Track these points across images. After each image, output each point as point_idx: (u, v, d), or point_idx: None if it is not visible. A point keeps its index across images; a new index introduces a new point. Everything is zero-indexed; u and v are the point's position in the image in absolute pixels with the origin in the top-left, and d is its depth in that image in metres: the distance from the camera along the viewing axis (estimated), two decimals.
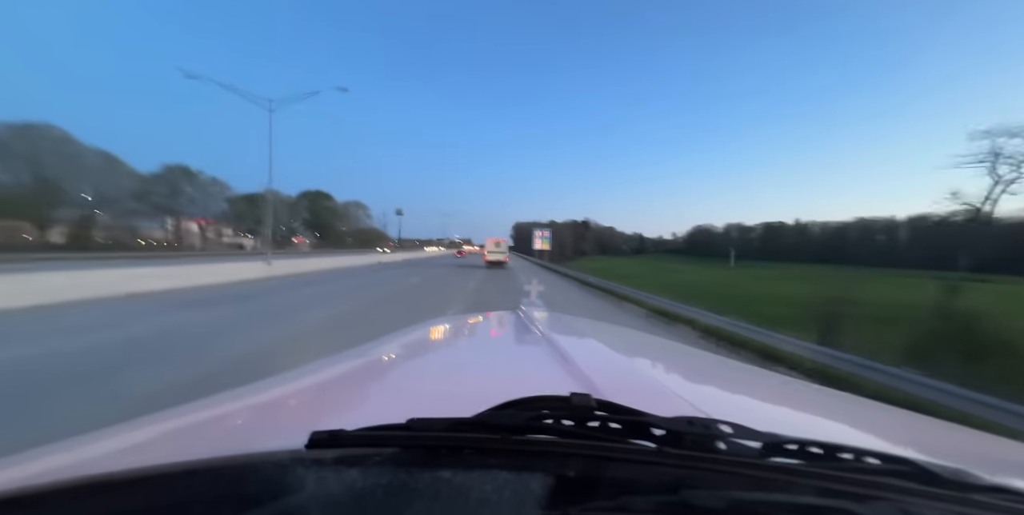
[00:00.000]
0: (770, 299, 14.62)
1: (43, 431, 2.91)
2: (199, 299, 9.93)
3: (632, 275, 31.08)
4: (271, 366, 4.21)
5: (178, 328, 6.71)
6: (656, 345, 1.76)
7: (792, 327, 7.08)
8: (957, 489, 0.39)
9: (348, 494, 0.38)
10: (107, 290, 9.89)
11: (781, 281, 24.68)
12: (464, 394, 0.85)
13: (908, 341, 6.42)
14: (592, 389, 0.66)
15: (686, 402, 0.76)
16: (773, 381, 1.30)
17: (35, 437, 0.76)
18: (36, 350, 5.10)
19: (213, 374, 4.35)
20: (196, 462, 0.44)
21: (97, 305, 8.70)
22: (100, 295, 9.57)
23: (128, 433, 0.68)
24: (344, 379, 1.04)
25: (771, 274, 36.25)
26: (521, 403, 0.51)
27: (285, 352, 5.46)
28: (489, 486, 0.39)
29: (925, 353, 5.61)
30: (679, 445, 0.44)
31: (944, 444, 0.79)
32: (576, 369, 0.94)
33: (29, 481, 0.43)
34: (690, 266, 58.01)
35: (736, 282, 25.00)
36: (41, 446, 0.61)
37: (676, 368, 1.27)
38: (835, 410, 0.98)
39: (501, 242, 31.93)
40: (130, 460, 0.54)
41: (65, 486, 0.41)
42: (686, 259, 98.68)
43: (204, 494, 0.41)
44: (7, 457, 0.56)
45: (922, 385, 4.34)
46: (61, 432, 0.64)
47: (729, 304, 11.38)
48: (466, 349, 1.51)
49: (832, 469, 0.41)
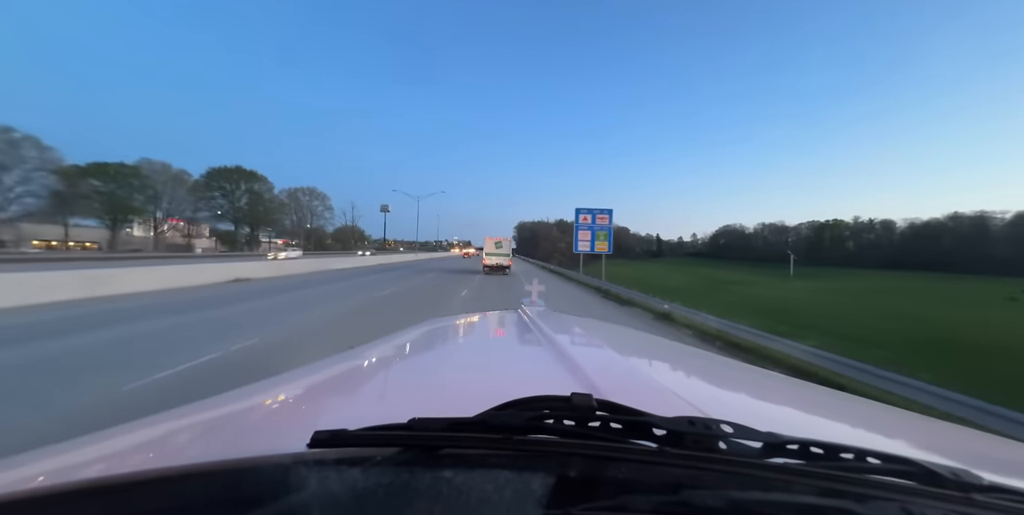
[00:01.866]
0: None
1: None
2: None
3: (680, 289, 22.05)
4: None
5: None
6: (656, 345, 1.76)
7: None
8: (958, 489, 0.39)
9: (350, 494, 0.38)
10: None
11: (924, 302, 14.54)
12: (465, 394, 0.86)
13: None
14: (593, 389, 0.66)
15: (687, 402, 0.76)
16: (773, 381, 1.28)
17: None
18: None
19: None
20: (198, 464, 0.44)
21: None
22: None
23: (129, 435, 0.69)
24: (345, 379, 1.04)
25: (883, 286, 25.77)
26: (522, 403, 0.51)
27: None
28: (490, 486, 0.39)
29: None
30: (680, 445, 0.44)
31: (945, 444, 0.78)
32: (577, 369, 0.94)
33: (30, 484, 0.44)
34: (737, 274, 47.87)
35: (856, 302, 15.16)
36: (42, 447, 0.61)
37: (677, 368, 1.28)
38: (836, 410, 0.97)
39: (503, 242, 26.15)
40: (131, 462, 0.57)
41: (66, 489, 0.41)
42: (717, 264, 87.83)
43: (206, 495, 0.41)
44: (7, 458, 0.56)
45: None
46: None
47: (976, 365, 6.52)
48: (467, 349, 1.51)
49: (833, 469, 0.41)
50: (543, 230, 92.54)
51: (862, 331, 11.93)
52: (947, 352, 8.94)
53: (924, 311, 15.90)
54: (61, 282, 9.40)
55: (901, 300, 17.93)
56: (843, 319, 14.74)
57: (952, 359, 8.12)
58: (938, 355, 8.40)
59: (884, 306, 17.74)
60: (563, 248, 63.25)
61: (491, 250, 26.07)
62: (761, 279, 39.55)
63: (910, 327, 12.51)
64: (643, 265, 78.26)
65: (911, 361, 6.62)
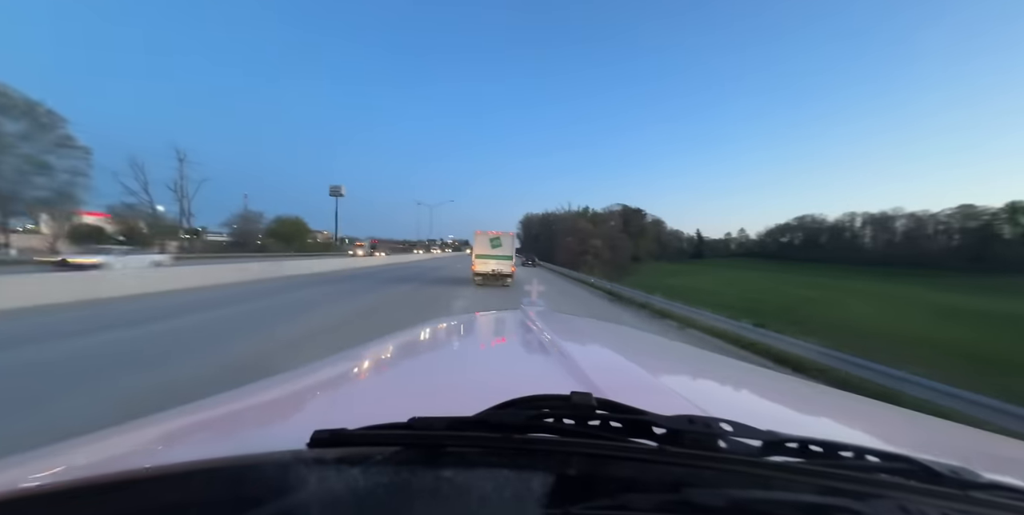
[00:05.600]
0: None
1: None
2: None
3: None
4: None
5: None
6: (656, 344, 1.74)
7: None
8: (957, 487, 0.40)
9: (350, 493, 0.38)
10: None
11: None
12: (465, 393, 0.86)
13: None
14: (593, 388, 0.65)
15: (687, 400, 0.76)
16: (773, 379, 1.27)
17: None
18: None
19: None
20: (198, 462, 0.45)
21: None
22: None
23: (130, 433, 0.69)
24: (346, 378, 1.04)
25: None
26: (522, 402, 0.51)
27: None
28: (491, 485, 0.39)
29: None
30: (680, 443, 0.44)
31: (944, 442, 0.78)
32: (577, 368, 0.94)
33: (31, 483, 0.44)
34: (921, 289, 32.09)
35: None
36: (42, 447, 0.61)
37: (676, 367, 1.27)
38: (835, 408, 0.97)
39: (502, 238, 16.75)
40: (132, 460, 0.56)
41: (67, 487, 0.41)
42: (793, 267, 69.03)
43: (206, 494, 0.41)
44: (9, 458, 0.56)
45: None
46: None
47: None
48: (467, 348, 1.50)
49: (832, 467, 0.41)
50: (564, 223, 55.70)
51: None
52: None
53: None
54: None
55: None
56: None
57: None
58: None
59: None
60: (598, 248, 46.89)
61: (485, 250, 16.57)
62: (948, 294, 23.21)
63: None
64: (704, 269, 61.92)
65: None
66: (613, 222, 60.60)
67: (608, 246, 46.83)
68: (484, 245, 16.53)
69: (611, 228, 55.54)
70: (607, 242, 47.61)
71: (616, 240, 49.00)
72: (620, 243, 49.44)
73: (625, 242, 53.06)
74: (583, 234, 45.10)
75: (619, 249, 48.80)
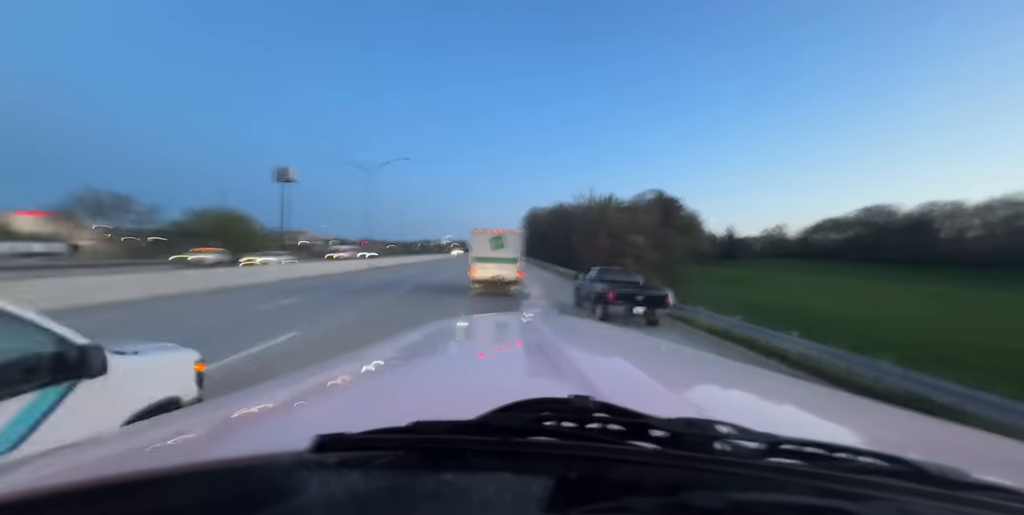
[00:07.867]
0: None
1: None
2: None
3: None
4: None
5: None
6: (655, 346, 1.74)
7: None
8: (955, 488, 0.40)
9: (351, 496, 0.39)
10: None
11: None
12: (466, 396, 0.85)
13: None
14: (592, 391, 0.67)
15: (686, 403, 0.77)
16: (772, 381, 1.27)
17: None
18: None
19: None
20: (200, 464, 0.46)
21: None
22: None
23: (132, 435, 0.69)
24: (347, 382, 1.04)
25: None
26: (522, 405, 0.52)
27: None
28: (491, 488, 0.39)
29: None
30: (679, 446, 0.44)
31: (942, 443, 0.78)
32: (576, 371, 0.94)
33: (33, 483, 0.45)
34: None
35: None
36: (42, 448, 0.62)
37: (675, 369, 1.25)
38: (834, 410, 0.97)
39: (505, 237, 14.70)
40: (134, 462, 0.57)
41: (69, 488, 0.42)
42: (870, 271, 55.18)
43: (208, 497, 0.42)
44: (10, 458, 0.58)
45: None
46: None
47: None
48: (468, 351, 1.51)
49: (831, 469, 0.41)
50: (587, 216, 40.62)
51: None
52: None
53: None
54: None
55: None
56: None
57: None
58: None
59: None
60: (640, 247, 33.63)
61: (485, 252, 14.33)
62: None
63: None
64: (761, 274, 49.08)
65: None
66: (650, 214, 45.58)
67: (652, 245, 33.84)
68: (484, 246, 14.55)
69: (650, 222, 40.94)
70: (650, 239, 34.52)
71: (661, 237, 36.00)
72: (667, 241, 36.44)
73: (672, 239, 39.54)
74: (618, 229, 32.71)
75: (665, 249, 35.68)
